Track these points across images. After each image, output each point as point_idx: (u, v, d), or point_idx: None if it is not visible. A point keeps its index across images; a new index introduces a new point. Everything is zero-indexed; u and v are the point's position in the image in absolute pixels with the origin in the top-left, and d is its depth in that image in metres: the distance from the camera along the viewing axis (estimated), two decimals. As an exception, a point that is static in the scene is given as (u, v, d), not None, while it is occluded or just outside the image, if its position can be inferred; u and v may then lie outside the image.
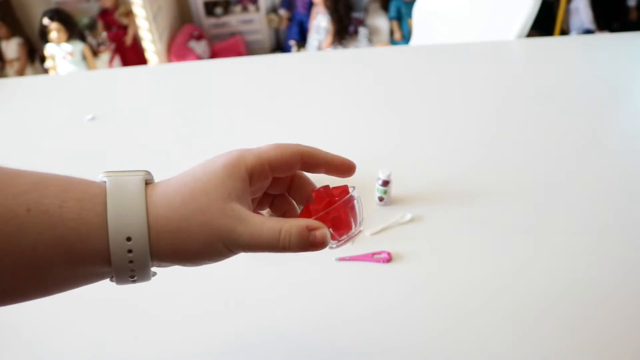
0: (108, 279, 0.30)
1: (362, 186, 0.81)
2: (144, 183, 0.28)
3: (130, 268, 0.27)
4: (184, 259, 0.29)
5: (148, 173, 0.29)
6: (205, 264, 0.29)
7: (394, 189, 0.78)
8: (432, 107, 1.10)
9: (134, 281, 0.29)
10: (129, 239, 0.27)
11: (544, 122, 1.00)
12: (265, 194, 0.35)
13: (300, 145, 0.32)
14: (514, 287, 0.62)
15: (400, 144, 0.97)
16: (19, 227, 0.25)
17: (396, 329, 0.57)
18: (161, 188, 0.29)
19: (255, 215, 0.29)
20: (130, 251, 0.27)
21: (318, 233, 0.29)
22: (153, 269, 0.30)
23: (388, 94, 1.18)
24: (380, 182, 0.75)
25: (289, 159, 0.31)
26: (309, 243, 0.29)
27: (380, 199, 0.77)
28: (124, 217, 0.27)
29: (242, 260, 0.70)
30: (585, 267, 0.64)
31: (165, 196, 0.28)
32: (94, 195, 0.27)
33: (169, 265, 0.30)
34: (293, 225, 0.29)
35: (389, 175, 0.74)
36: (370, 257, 0.68)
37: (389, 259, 0.67)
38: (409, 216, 0.74)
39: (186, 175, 0.29)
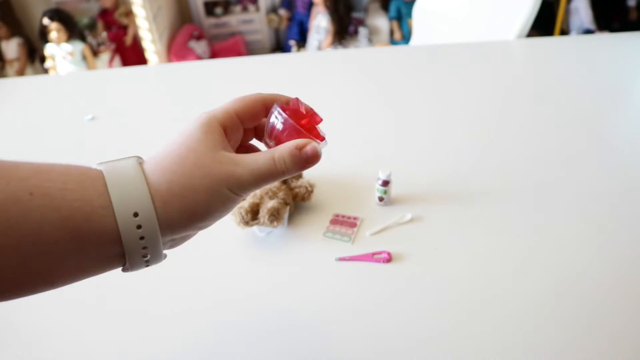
0: (120, 269, 0.29)
1: (362, 186, 0.81)
2: (137, 162, 0.29)
3: (142, 245, 0.27)
4: (195, 217, 0.29)
5: (139, 157, 0.30)
6: (216, 217, 0.30)
7: (394, 189, 0.78)
8: (432, 107, 1.10)
9: (147, 262, 0.28)
10: (136, 214, 0.27)
11: (544, 122, 1.00)
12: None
13: (260, 93, 0.33)
14: (514, 287, 0.62)
15: (400, 144, 0.97)
16: (23, 211, 0.25)
17: (396, 329, 0.57)
18: (152, 160, 0.29)
19: (245, 154, 0.31)
20: (139, 227, 0.27)
21: (308, 148, 0.31)
22: (165, 250, 0.30)
23: (388, 94, 1.18)
24: (380, 182, 0.75)
25: (253, 108, 0.33)
26: (303, 160, 0.31)
27: (380, 199, 0.77)
28: (127, 193, 0.27)
29: (241, 261, 0.71)
30: (587, 267, 0.64)
31: (159, 164, 0.29)
32: (94, 178, 0.27)
33: (182, 235, 0.30)
34: (283, 149, 0.30)
35: (389, 175, 0.74)
36: (370, 257, 0.67)
37: (389, 259, 0.67)
38: (409, 216, 0.74)
39: (168, 144, 0.30)
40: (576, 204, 0.75)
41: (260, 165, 0.30)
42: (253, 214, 0.69)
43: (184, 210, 0.28)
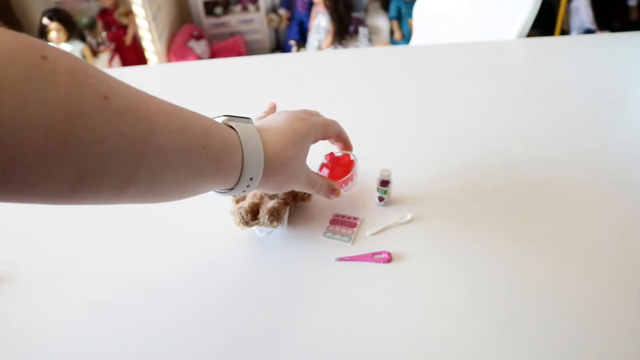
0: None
1: (362, 186, 0.81)
2: (257, 132, 0.51)
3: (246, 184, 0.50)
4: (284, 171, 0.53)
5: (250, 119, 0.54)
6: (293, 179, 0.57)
7: (394, 189, 0.78)
8: (432, 107, 1.10)
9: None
10: (251, 179, 0.49)
11: (544, 122, 1.00)
12: None
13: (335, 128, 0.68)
14: (515, 287, 0.62)
15: (400, 144, 0.96)
16: (196, 160, 0.43)
17: (396, 330, 0.57)
18: (268, 143, 0.52)
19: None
20: (248, 186, 0.50)
21: (336, 188, 0.66)
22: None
23: (388, 94, 1.18)
24: (380, 182, 0.75)
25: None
26: (333, 192, 0.67)
27: (380, 199, 0.77)
28: (253, 166, 0.48)
29: (241, 261, 0.71)
30: (588, 268, 0.64)
31: (272, 158, 0.51)
32: (236, 147, 0.47)
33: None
34: (326, 181, 0.65)
35: (389, 175, 0.74)
36: (370, 257, 0.67)
37: (389, 259, 0.67)
38: (409, 216, 0.74)
39: (282, 139, 0.54)
40: (577, 204, 0.75)
41: (317, 177, 0.64)
42: (253, 214, 0.68)
43: (279, 179, 0.55)
